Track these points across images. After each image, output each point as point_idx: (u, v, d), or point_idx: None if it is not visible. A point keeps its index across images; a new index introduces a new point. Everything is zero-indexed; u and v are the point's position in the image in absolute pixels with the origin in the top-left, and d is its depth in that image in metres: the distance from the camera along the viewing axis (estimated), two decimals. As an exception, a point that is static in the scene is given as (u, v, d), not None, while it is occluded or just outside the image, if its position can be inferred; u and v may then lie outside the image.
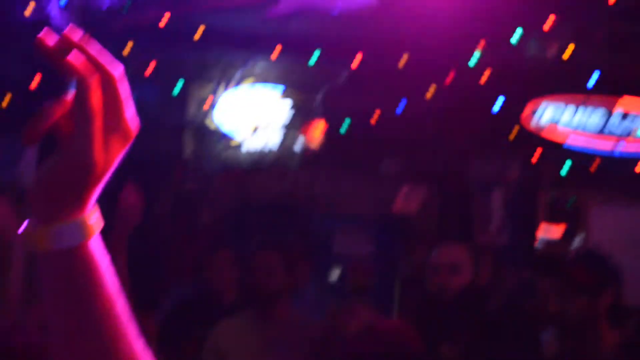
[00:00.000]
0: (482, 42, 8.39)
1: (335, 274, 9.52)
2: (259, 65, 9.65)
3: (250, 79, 9.60)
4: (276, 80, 9.70)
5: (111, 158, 1.11)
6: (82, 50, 1.09)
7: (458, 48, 8.66)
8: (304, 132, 9.55)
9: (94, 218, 1.12)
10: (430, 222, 9.40)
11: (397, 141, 9.58)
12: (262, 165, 9.64)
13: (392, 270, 9.25)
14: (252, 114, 9.58)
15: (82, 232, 1.10)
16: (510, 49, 8.52)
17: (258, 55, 9.45)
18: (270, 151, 9.65)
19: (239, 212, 9.06)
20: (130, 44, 8.67)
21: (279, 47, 8.91)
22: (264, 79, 9.66)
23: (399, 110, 9.58)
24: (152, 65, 9.16)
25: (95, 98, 1.08)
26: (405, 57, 8.68)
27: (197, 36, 8.57)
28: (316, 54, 9.03)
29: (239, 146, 9.65)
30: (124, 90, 1.14)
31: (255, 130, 9.58)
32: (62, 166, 1.09)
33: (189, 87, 9.64)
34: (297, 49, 9.12)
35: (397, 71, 8.91)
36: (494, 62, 8.90)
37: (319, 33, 8.81)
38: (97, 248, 1.12)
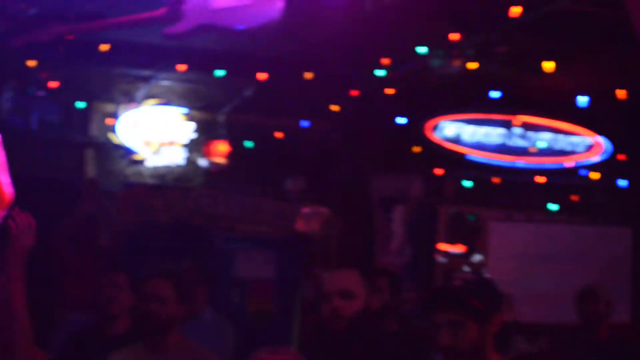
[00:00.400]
0: (386, 59, 8.45)
1: (235, 298, 9.50)
2: (163, 83, 9.60)
3: (154, 98, 9.54)
4: (180, 98, 9.66)
5: None
6: None
7: (362, 64, 8.73)
8: (207, 151, 9.52)
9: None
10: (332, 242, 9.43)
11: (301, 159, 9.62)
12: (166, 183, 9.57)
13: (293, 294, 9.26)
14: (155, 132, 9.50)
15: None
16: (414, 64, 8.61)
17: (162, 72, 9.40)
18: (173, 169, 9.59)
19: (139, 232, 8.99)
20: (34, 60, 8.55)
21: (183, 66, 8.87)
22: (168, 96, 9.61)
23: (303, 127, 9.62)
24: (56, 81, 9.05)
25: None
26: (309, 74, 8.71)
27: (102, 49, 8.47)
28: (221, 71, 9.02)
29: (142, 162, 9.57)
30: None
31: (159, 148, 9.51)
32: None
33: (93, 104, 9.53)
34: (201, 67, 9.09)
35: (301, 88, 8.94)
36: (397, 78, 8.98)
37: (224, 50, 8.79)
38: None
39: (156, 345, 4.37)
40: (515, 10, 6.88)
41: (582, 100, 9.39)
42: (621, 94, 8.91)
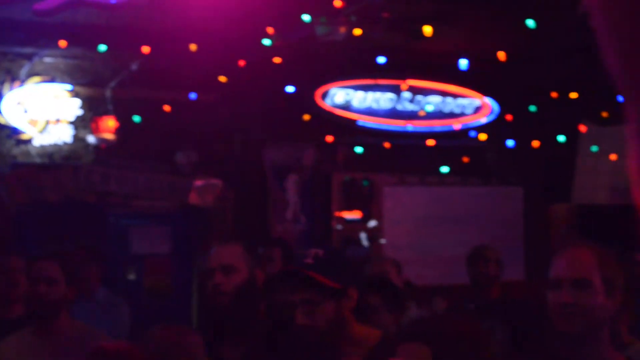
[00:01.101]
0: (272, 28, 8.42)
1: (131, 275, 9.43)
2: (47, 60, 9.42)
3: (38, 76, 9.35)
4: (65, 74, 9.49)
5: None
6: None
7: (248, 34, 8.68)
8: (95, 127, 9.38)
9: None
10: (227, 214, 9.43)
11: (191, 132, 9.56)
12: (54, 162, 9.41)
13: (190, 269, 9.23)
14: (41, 110, 9.33)
15: None
16: (300, 33, 8.60)
17: (45, 49, 9.22)
18: (61, 147, 9.43)
19: (30, 212, 8.83)
20: None
21: (64, 42, 8.71)
22: (52, 73, 9.43)
23: (191, 99, 9.55)
24: None
25: None
26: (193, 46, 8.64)
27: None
28: (103, 46, 8.88)
29: (29, 142, 9.38)
30: None
31: (45, 126, 9.34)
32: None
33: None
34: (84, 42, 8.94)
35: (188, 59, 8.87)
36: (284, 47, 8.97)
37: (106, 25, 8.66)
38: None
39: (45, 328, 4.30)
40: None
41: (463, 62, 9.52)
42: (501, 55, 9.05)
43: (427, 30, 8.21)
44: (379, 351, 3.37)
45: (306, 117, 10.02)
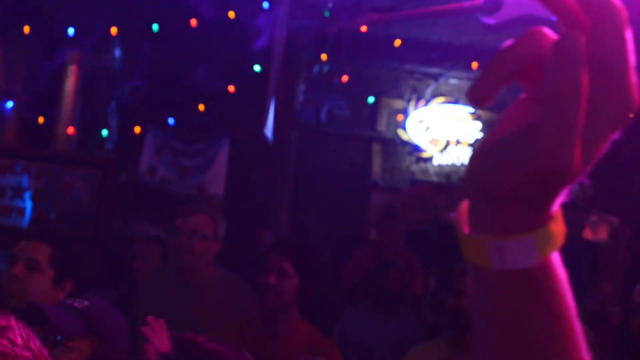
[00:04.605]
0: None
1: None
2: (451, 81, 9.52)
3: (442, 96, 9.47)
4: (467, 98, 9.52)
5: (593, 152, 0.72)
6: None
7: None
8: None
9: (557, 224, 0.76)
10: (620, 252, 8.96)
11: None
12: (451, 182, 9.48)
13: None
14: (442, 130, 9.44)
15: (544, 245, 0.75)
16: None
17: (451, 70, 9.32)
18: (459, 168, 9.47)
19: (420, 230, 8.93)
20: (324, 54, 8.73)
21: (476, 64, 8.73)
22: (455, 94, 9.51)
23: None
24: (346, 75, 9.19)
25: (584, 71, 0.69)
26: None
27: (395, 44, 8.51)
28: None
29: (429, 160, 9.53)
30: (628, 42, 0.71)
31: (445, 146, 9.44)
32: (519, 165, 0.72)
33: (381, 99, 9.60)
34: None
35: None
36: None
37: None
38: (556, 260, 0.79)
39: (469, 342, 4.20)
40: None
41: None
42: None
43: None
44: None
45: None
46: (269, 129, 7.49)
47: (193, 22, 8.05)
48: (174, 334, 2.46)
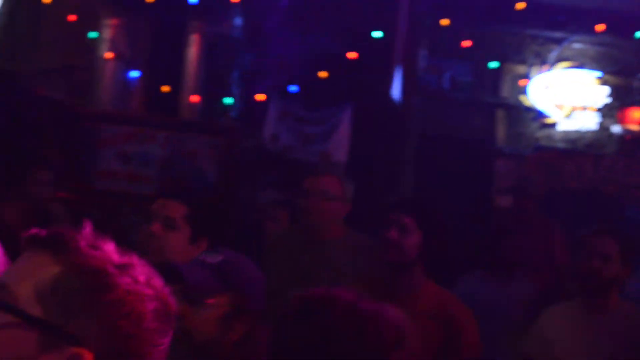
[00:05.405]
0: None
1: None
2: (576, 45, 9.30)
3: (567, 61, 9.27)
4: (593, 61, 9.29)
5: None
6: None
7: None
8: (622, 117, 9.08)
9: None
10: None
11: None
12: (577, 149, 9.29)
13: None
14: (568, 95, 9.24)
15: None
16: None
17: (576, 34, 9.11)
18: (585, 134, 9.27)
19: (548, 197, 8.76)
20: (447, 19, 8.64)
21: (602, 26, 8.51)
22: (580, 59, 9.29)
23: None
24: (469, 40, 9.06)
25: None
26: None
27: (518, 7, 8.33)
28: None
29: (554, 126, 9.36)
30: None
31: (571, 112, 9.25)
32: None
33: (505, 64, 9.46)
34: (619, 29, 8.67)
35: None
36: None
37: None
38: None
39: (594, 304, 4.11)
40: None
41: None
42: None
43: None
44: None
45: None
46: (394, 96, 7.46)
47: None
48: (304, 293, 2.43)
